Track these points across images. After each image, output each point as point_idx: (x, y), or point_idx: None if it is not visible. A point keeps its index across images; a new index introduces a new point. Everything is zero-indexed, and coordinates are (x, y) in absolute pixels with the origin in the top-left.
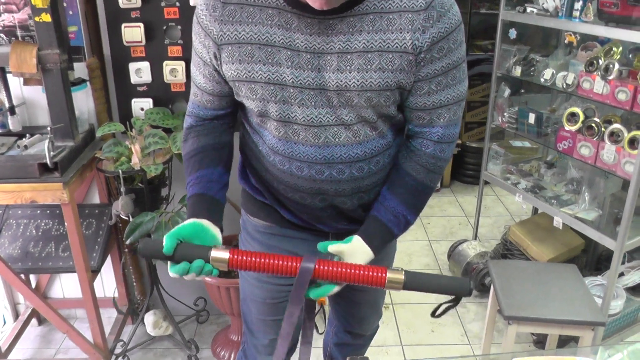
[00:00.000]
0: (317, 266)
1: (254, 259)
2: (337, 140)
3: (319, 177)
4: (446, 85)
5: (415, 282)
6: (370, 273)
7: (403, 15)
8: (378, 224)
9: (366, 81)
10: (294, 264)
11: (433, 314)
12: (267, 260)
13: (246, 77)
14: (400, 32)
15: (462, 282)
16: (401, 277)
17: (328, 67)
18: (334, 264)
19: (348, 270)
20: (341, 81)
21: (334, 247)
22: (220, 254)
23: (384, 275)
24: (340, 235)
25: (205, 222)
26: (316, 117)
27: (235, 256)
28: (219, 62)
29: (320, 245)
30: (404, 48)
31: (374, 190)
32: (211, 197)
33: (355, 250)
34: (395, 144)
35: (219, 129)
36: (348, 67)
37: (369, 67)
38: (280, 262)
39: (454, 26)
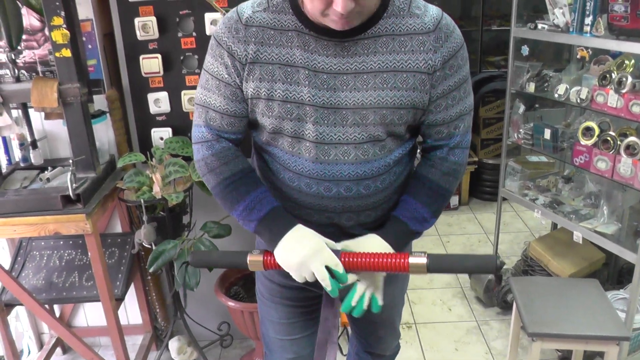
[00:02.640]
0: (342, 259)
1: None
2: (346, 158)
3: (327, 194)
4: (459, 98)
5: (439, 264)
6: (393, 260)
7: (414, 38)
8: (393, 219)
9: (382, 99)
10: None
11: None
12: None
13: (265, 94)
14: (413, 54)
15: (488, 259)
16: (424, 260)
17: (344, 87)
18: (356, 255)
19: (371, 260)
20: (358, 99)
21: (341, 244)
22: (255, 257)
23: (406, 260)
24: None
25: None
26: (327, 135)
27: (267, 257)
28: (241, 80)
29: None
30: (417, 68)
31: (380, 207)
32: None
33: (364, 243)
34: (400, 162)
35: (242, 154)
36: (364, 87)
37: (384, 85)
38: None
39: (460, 45)
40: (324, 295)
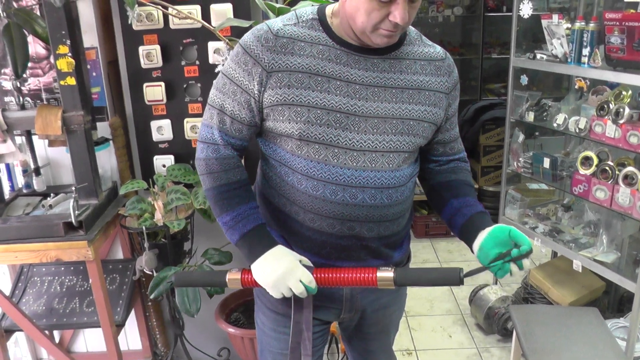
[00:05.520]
0: (314, 275)
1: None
2: (373, 165)
3: (352, 201)
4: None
5: (405, 278)
6: (362, 275)
7: (432, 63)
8: (478, 215)
9: (409, 111)
10: None
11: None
12: None
13: (293, 100)
14: (432, 76)
15: (452, 272)
16: (391, 274)
17: (376, 98)
18: (327, 270)
19: (341, 275)
20: (388, 110)
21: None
22: (234, 275)
23: (374, 275)
24: None
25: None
26: (357, 142)
27: (245, 276)
28: (262, 89)
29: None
30: (436, 88)
31: (397, 221)
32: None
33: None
34: (412, 181)
35: (242, 165)
36: (394, 99)
37: (410, 100)
38: None
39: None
40: (294, 301)
